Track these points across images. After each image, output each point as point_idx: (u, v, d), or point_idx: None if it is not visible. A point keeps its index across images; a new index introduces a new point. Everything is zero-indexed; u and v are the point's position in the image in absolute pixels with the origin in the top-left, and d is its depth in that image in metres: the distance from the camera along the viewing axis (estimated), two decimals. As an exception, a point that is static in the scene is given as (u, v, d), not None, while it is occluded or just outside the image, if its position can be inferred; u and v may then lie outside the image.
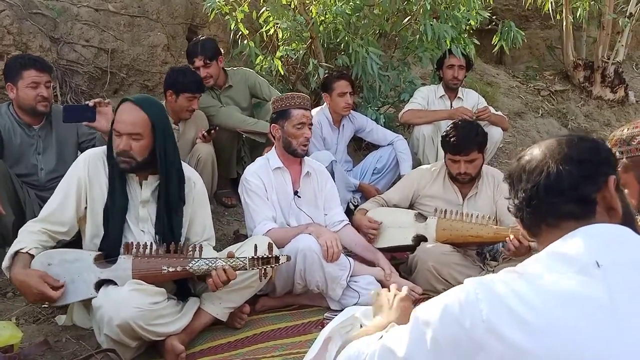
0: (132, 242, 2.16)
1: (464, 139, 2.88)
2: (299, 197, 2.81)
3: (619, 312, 0.93)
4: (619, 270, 0.97)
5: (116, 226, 2.21)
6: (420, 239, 2.93)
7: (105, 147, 2.30)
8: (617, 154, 1.88)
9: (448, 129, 3.01)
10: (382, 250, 2.99)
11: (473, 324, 0.97)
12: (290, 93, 2.96)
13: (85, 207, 2.23)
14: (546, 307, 0.93)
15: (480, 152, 2.94)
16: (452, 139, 2.91)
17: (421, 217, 3.04)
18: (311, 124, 2.81)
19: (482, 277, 1.04)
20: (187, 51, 3.75)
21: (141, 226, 2.28)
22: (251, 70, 3.99)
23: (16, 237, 2.16)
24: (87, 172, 2.22)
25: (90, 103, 2.65)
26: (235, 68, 3.98)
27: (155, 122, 2.19)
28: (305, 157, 2.91)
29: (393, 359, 1.11)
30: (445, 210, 2.89)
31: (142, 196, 2.28)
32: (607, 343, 0.91)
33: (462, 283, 1.06)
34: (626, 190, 1.91)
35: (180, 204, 2.31)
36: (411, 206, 3.19)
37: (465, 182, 3.01)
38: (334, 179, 3.08)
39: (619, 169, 1.91)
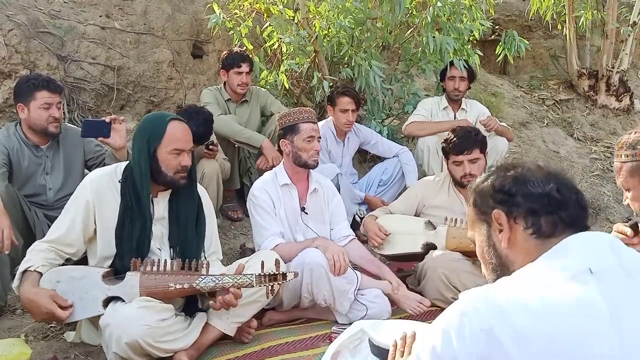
0: (140, 259, 2.15)
1: (465, 138, 2.92)
2: (305, 213, 2.81)
3: (615, 317, 0.94)
4: (611, 275, 0.99)
5: (139, 246, 2.19)
6: (429, 247, 2.92)
7: (112, 167, 2.29)
8: (623, 157, 1.92)
9: (448, 135, 3.05)
10: (391, 257, 2.98)
11: (473, 335, 0.97)
12: (296, 108, 2.98)
13: (95, 229, 2.21)
14: (543, 314, 0.94)
15: (482, 153, 2.96)
16: (453, 141, 2.94)
17: (431, 225, 3.03)
18: (320, 137, 2.83)
19: (477, 288, 1.05)
20: (233, 57, 3.77)
21: (155, 244, 2.25)
22: (264, 89, 4.06)
23: None
24: (95, 194, 2.19)
25: (107, 119, 2.67)
26: (251, 85, 4.01)
27: None
28: (312, 171, 2.92)
29: None
30: (456, 219, 2.89)
31: (156, 214, 2.25)
32: (607, 348, 0.92)
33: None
34: (631, 193, 1.94)
35: (193, 219, 2.32)
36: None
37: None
38: (339, 192, 3.08)
39: (624, 173, 1.95)
